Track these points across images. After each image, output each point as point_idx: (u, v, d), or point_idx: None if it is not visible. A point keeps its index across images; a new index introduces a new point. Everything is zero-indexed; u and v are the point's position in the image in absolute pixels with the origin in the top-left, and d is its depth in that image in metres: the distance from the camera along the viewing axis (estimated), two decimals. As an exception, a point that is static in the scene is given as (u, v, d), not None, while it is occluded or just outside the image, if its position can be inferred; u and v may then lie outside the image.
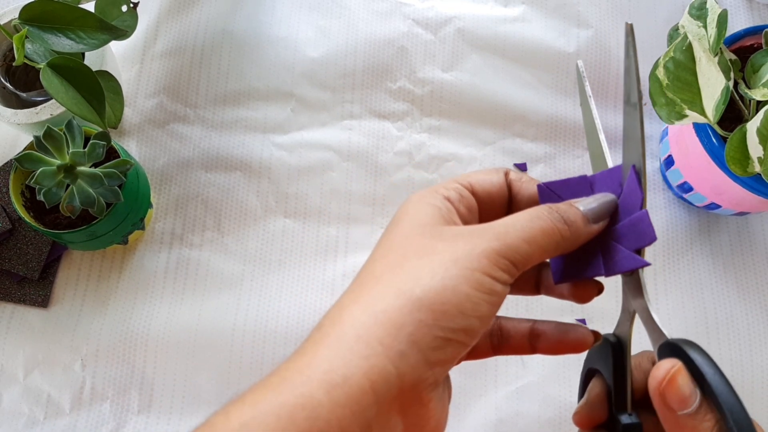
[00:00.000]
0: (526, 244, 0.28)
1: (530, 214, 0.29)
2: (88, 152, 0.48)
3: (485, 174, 0.32)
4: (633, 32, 0.31)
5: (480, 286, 0.26)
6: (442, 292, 0.26)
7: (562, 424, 0.52)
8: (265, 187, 0.59)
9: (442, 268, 0.26)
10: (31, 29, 0.47)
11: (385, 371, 0.25)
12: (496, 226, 0.28)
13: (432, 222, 0.29)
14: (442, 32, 0.63)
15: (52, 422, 0.52)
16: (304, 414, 0.24)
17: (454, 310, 0.26)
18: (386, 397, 0.25)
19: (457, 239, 0.27)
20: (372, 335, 0.25)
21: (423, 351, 0.25)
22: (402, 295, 0.26)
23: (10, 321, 0.54)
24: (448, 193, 0.30)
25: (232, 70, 0.62)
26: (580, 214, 0.30)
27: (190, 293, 0.55)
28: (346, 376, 0.25)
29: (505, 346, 0.33)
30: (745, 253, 0.57)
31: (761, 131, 0.45)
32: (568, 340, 0.32)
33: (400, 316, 0.25)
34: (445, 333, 0.26)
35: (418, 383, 0.26)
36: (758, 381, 0.54)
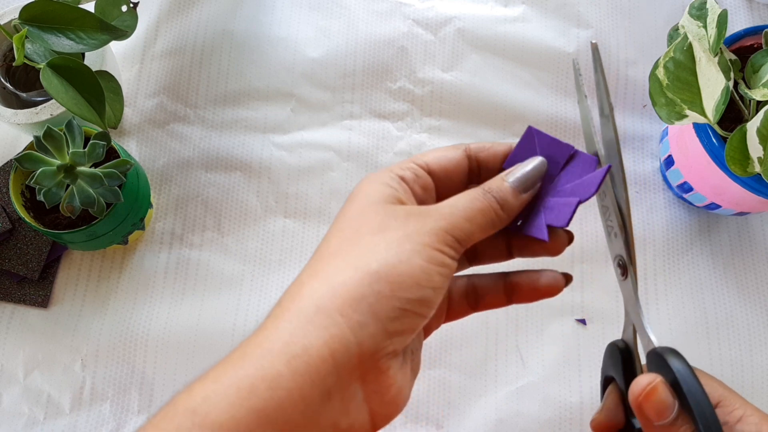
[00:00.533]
0: (467, 222, 0.29)
1: (469, 196, 0.31)
2: (88, 152, 0.48)
3: (443, 151, 0.33)
4: (598, 51, 0.33)
5: (431, 259, 0.28)
6: (398, 264, 0.27)
7: (562, 424, 0.52)
8: (265, 187, 0.59)
9: (395, 243, 0.28)
10: (31, 29, 0.47)
11: (345, 340, 0.26)
12: (442, 207, 0.30)
13: (385, 200, 0.30)
14: (442, 32, 0.63)
15: (52, 422, 0.52)
16: (265, 384, 0.25)
17: (409, 281, 0.27)
18: (346, 365, 0.26)
19: (408, 218, 0.29)
20: (332, 307, 0.26)
21: (382, 321, 0.26)
22: (360, 268, 0.27)
23: (10, 321, 0.54)
24: (402, 173, 0.32)
25: (232, 70, 0.62)
26: (509, 190, 0.31)
27: (190, 293, 0.55)
28: (305, 347, 0.26)
29: (481, 303, 0.35)
30: (745, 253, 0.57)
31: (761, 131, 0.45)
32: (540, 285, 0.33)
33: (359, 288, 0.27)
34: (402, 303, 0.27)
35: (376, 352, 0.26)
36: (758, 381, 0.54)
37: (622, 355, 0.35)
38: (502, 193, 0.31)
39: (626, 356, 0.35)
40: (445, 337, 0.54)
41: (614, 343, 0.36)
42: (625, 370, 0.34)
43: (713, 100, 0.47)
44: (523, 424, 0.52)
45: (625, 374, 0.34)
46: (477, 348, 0.54)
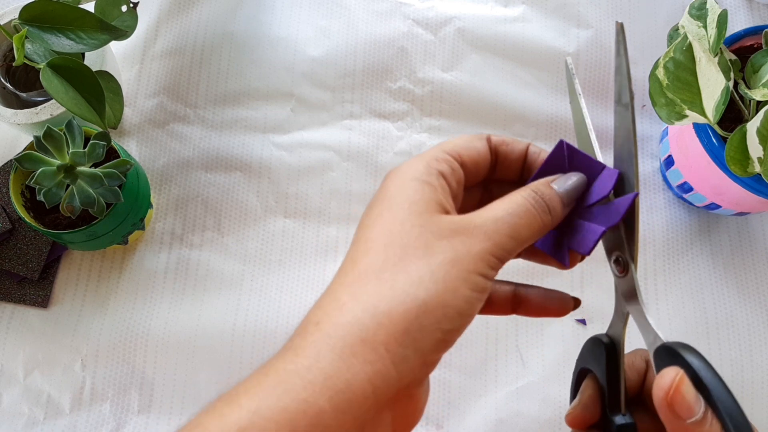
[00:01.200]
0: (512, 240, 0.28)
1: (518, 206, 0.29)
2: (88, 152, 0.48)
3: (470, 142, 0.32)
4: (624, 31, 0.30)
5: (476, 286, 0.27)
6: (444, 295, 0.26)
7: (562, 424, 0.52)
8: (265, 187, 0.59)
9: (443, 270, 0.27)
10: (31, 29, 0.47)
11: (388, 376, 0.25)
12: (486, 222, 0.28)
13: (429, 208, 0.28)
14: (442, 32, 0.63)
15: (52, 422, 0.52)
16: (306, 421, 0.24)
17: (453, 312, 0.26)
18: (384, 399, 0.25)
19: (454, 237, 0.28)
20: (376, 339, 0.25)
21: (423, 353, 0.26)
22: (406, 298, 0.26)
23: (10, 321, 0.54)
24: (441, 168, 0.30)
25: (232, 70, 0.62)
26: (559, 199, 0.30)
27: (190, 293, 0.55)
28: (349, 382, 0.25)
29: (485, 309, 0.34)
30: (745, 253, 0.57)
31: (761, 131, 0.45)
32: (551, 306, 0.33)
33: (405, 320, 0.25)
34: (444, 335, 0.26)
35: (413, 383, 0.26)
36: (758, 381, 0.54)
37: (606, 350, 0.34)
38: (553, 202, 0.30)
39: (610, 352, 0.34)
40: (445, 337, 0.54)
41: (597, 337, 0.35)
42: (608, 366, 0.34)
43: (713, 100, 0.47)
44: (523, 424, 0.52)
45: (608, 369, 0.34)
46: (477, 348, 0.54)
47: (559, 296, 0.33)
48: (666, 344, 0.30)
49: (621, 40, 0.31)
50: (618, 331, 0.34)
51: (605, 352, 0.34)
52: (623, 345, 0.34)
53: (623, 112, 0.31)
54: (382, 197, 0.30)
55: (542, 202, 0.30)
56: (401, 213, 0.29)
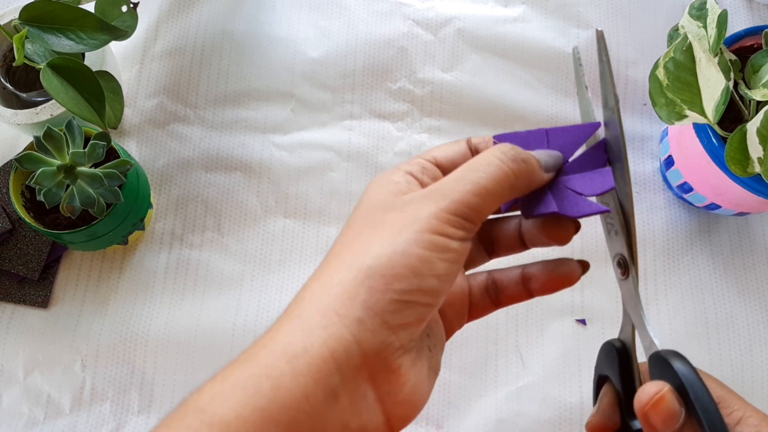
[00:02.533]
0: (477, 197, 0.27)
1: (480, 162, 0.29)
2: (88, 152, 0.48)
3: (448, 146, 0.32)
4: (603, 38, 0.31)
5: (431, 245, 0.26)
6: (392, 256, 0.26)
7: (562, 424, 0.52)
8: (265, 187, 0.59)
9: (391, 235, 0.27)
10: (31, 29, 0.47)
11: (343, 338, 0.25)
12: (444, 183, 0.28)
13: (388, 195, 0.29)
14: (442, 32, 0.63)
15: (52, 423, 0.52)
16: (269, 383, 0.25)
17: (406, 271, 0.26)
18: (348, 364, 0.26)
19: (406, 206, 0.28)
20: (328, 306, 0.26)
21: (380, 315, 0.26)
22: (354, 266, 0.27)
23: (10, 321, 0.54)
24: (410, 168, 0.31)
25: (232, 71, 0.62)
26: (530, 156, 0.30)
27: (190, 293, 0.55)
28: (305, 347, 0.25)
29: (502, 297, 0.34)
30: (745, 253, 0.57)
31: (761, 132, 0.45)
32: (557, 275, 0.32)
33: (353, 286, 0.26)
34: (400, 296, 0.26)
35: (381, 349, 0.26)
36: (758, 381, 0.54)
37: (618, 355, 0.34)
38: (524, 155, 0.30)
39: (623, 356, 0.34)
40: (445, 337, 0.54)
41: (610, 342, 0.35)
42: (621, 371, 0.34)
43: (713, 100, 0.47)
44: (523, 424, 0.52)
45: (622, 375, 0.34)
46: (477, 348, 0.54)
47: (565, 261, 0.32)
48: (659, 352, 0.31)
49: (602, 47, 0.31)
50: (628, 334, 0.34)
51: (618, 358, 0.34)
52: (634, 348, 0.34)
53: (611, 116, 0.32)
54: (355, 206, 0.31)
55: (511, 152, 0.29)
56: (364, 206, 0.30)
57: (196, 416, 0.25)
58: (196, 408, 0.25)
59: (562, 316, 0.55)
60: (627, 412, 0.34)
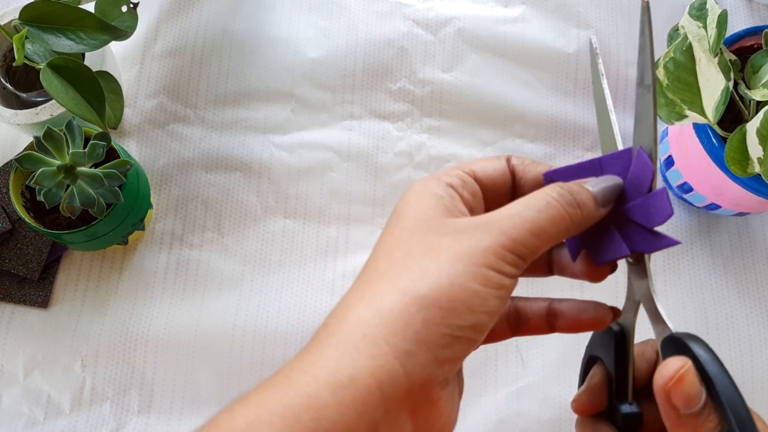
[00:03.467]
0: (533, 236, 0.27)
1: (538, 201, 0.28)
2: (88, 153, 0.48)
3: (487, 161, 0.31)
4: (649, 10, 0.29)
5: (487, 281, 0.26)
6: (449, 289, 0.25)
7: (562, 425, 0.52)
8: (265, 187, 0.59)
9: (447, 264, 0.26)
10: (31, 30, 0.47)
11: (393, 371, 0.24)
12: (502, 218, 0.27)
13: (436, 214, 0.28)
14: (442, 33, 0.63)
15: (52, 423, 0.52)
16: (310, 414, 0.24)
17: (462, 307, 0.25)
18: (394, 397, 0.25)
19: (461, 234, 0.27)
20: (378, 334, 0.25)
21: (431, 349, 0.25)
22: (408, 293, 0.25)
23: (10, 321, 0.54)
24: (450, 180, 0.30)
25: (233, 71, 0.62)
26: (591, 196, 0.29)
27: (190, 293, 0.55)
28: (352, 376, 0.24)
29: (523, 328, 0.33)
30: (745, 253, 0.58)
31: (761, 132, 0.45)
32: (586, 317, 0.31)
33: (407, 314, 0.25)
34: (453, 330, 0.25)
35: (427, 382, 0.25)
36: (758, 381, 0.54)
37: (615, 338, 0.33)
38: (581, 196, 0.29)
39: (620, 339, 0.33)
40: (445, 337, 0.54)
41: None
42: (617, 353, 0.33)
43: (713, 100, 0.47)
44: (523, 424, 0.52)
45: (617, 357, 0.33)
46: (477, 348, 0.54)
47: (596, 306, 0.31)
48: (674, 334, 0.29)
49: (646, 20, 0.30)
50: (629, 319, 0.33)
51: (614, 340, 0.33)
52: (633, 333, 0.33)
53: (645, 94, 0.30)
54: (393, 213, 0.30)
55: (569, 196, 0.28)
56: (408, 221, 0.28)
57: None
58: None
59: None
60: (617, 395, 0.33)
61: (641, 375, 0.34)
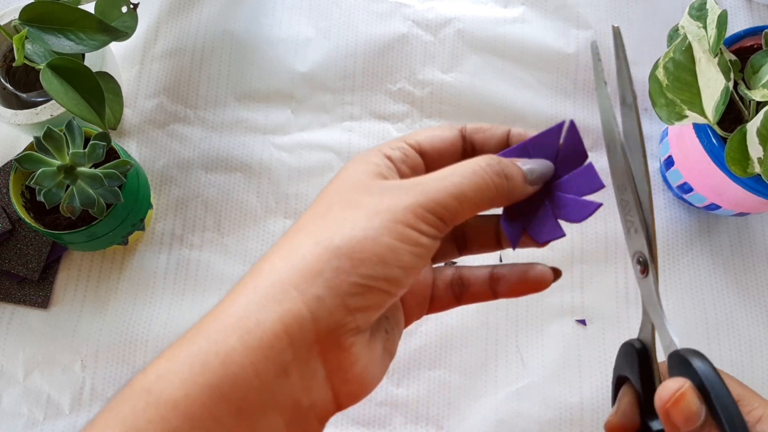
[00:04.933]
0: (455, 200, 0.27)
1: (465, 168, 0.28)
2: (88, 153, 0.48)
3: (437, 131, 0.32)
4: (620, 34, 0.31)
5: (402, 237, 0.26)
6: (363, 241, 0.26)
7: (562, 425, 0.52)
8: (265, 187, 0.59)
9: (364, 219, 0.26)
10: (31, 30, 0.47)
11: (300, 315, 0.25)
12: (427, 181, 0.28)
13: (364, 176, 0.29)
14: (442, 33, 0.63)
15: (51, 423, 0.52)
16: (218, 360, 0.24)
17: (374, 258, 0.26)
18: (302, 340, 0.25)
19: (383, 193, 0.27)
20: (288, 281, 0.25)
21: (341, 296, 0.25)
22: (321, 243, 0.26)
23: (10, 322, 0.54)
24: (390, 152, 0.30)
25: (233, 72, 0.62)
26: (520, 171, 0.30)
27: (190, 294, 0.55)
28: (259, 321, 0.25)
29: (466, 295, 0.33)
30: (745, 253, 0.57)
31: (761, 132, 0.45)
32: (527, 279, 0.32)
33: (318, 263, 0.26)
34: (365, 280, 0.26)
35: (336, 328, 0.25)
36: (758, 381, 0.54)
37: (638, 356, 0.34)
38: (510, 170, 0.29)
39: (643, 356, 0.34)
40: (445, 337, 0.54)
41: (630, 342, 0.35)
42: (641, 371, 0.34)
43: (713, 100, 0.47)
44: (523, 424, 0.52)
45: (642, 375, 0.34)
46: (477, 348, 0.54)
47: (537, 267, 0.32)
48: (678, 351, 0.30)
49: (619, 44, 0.31)
50: (647, 334, 0.34)
51: (638, 358, 0.34)
52: (654, 348, 0.34)
53: (628, 113, 0.32)
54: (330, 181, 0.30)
55: (497, 166, 0.29)
56: (338, 182, 0.29)
57: (141, 397, 0.24)
58: (141, 389, 0.25)
59: (562, 316, 0.55)
60: (647, 413, 0.34)
61: None
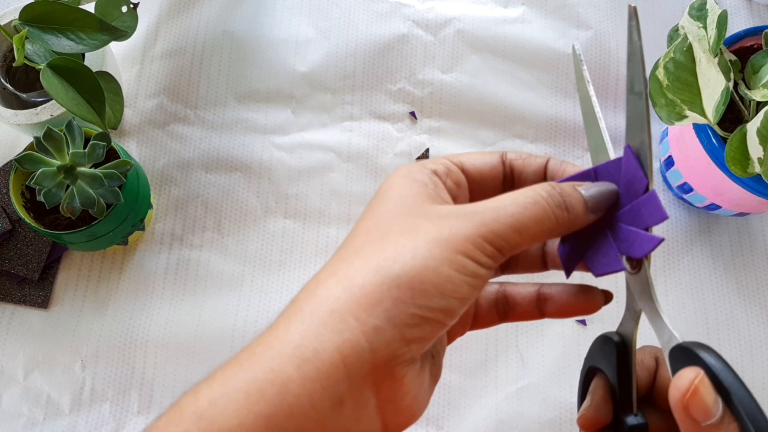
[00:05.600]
0: (514, 232, 0.27)
1: (526, 197, 0.27)
2: (88, 153, 0.48)
3: (478, 155, 0.31)
4: (637, 15, 0.29)
5: (462, 268, 0.26)
6: (423, 271, 0.25)
7: (562, 425, 0.52)
8: (265, 187, 0.59)
9: (424, 247, 0.26)
10: (32, 30, 0.47)
11: (358, 345, 0.24)
12: (486, 210, 0.27)
13: (418, 199, 0.28)
14: (442, 33, 0.63)
15: (51, 423, 0.52)
16: (274, 389, 0.24)
17: (433, 289, 0.25)
18: (359, 372, 0.25)
19: (442, 220, 0.27)
20: (347, 310, 0.25)
21: (399, 327, 0.25)
22: (381, 271, 0.25)
23: (10, 322, 0.54)
24: (435, 167, 0.30)
25: (233, 72, 0.62)
26: (582, 200, 0.29)
27: (190, 294, 0.55)
28: (317, 351, 0.24)
29: (512, 314, 0.33)
30: (745, 253, 0.57)
31: (761, 132, 0.45)
32: (577, 302, 0.31)
33: (378, 292, 0.25)
34: (423, 311, 0.25)
35: (392, 358, 0.25)
36: (758, 381, 0.54)
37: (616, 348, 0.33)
38: (572, 199, 0.28)
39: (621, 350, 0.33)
40: (445, 337, 0.54)
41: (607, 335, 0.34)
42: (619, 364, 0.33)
43: (713, 100, 0.47)
44: (523, 424, 0.52)
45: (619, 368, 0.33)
46: (477, 348, 0.54)
47: (586, 290, 0.31)
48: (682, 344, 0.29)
49: (634, 25, 0.29)
50: (629, 329, 0.33)
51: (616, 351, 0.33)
52: (635, 344, 0.33)
53: (636, 101, 0.30)
54: (375, 195, 0.29)
55: (558, 197, 0.28)
56: (390, 204, 0.28)
57: (193, 422, 0.24)
58: (193, 412, 0.24)
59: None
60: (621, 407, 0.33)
61: (642, 384, 0.34)
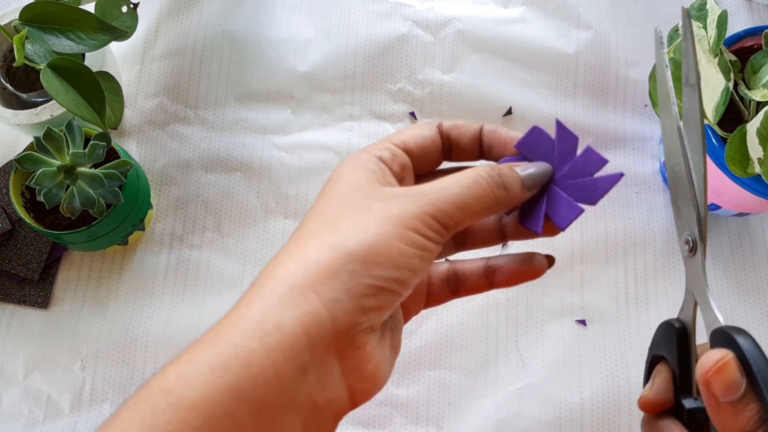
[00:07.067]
0: (458, 210, 0.29)
1: (467, 178, 0.30)
2: (89, 153, 0.48)
3: (417, 129, 0.33)
4: (689, 16, 0.32)
5: (412, 242, 0.28)
6: (375, 245, 0.27)
7: (562, 425, 0.52)
8: (265, 187, 0.59)
9: (376, 224, 0.28)
10: (32, 30, 0.47)
11: (319, 316, 0.26)
12: (431, 190, 0.29)
13: (367, 183, 0.30)
14: (442, 33, 0.63)
15: (51, 423, 0.52)
16: (238, 362, 0.25)
17: (386, 261, 0.27)
18: (320, 341, 0.26)
19: (391, 200, 0.29)
20: (305, 285, 0.26)
21: (357, 297, 0.27)
22: (336, 247, 0.27)
23: (10, 322, 0.54)
24: (381, 154, 0.32)
25: (233, 72, 0.62)
26: (518, 179, 0.31)
27: (190, 294, 0.55)
28: (278, 324, 0.26)
29: (462, 288, 0.35)
30: (745, 253, 0.57)
31: (761, 132, 0.45)
32: (524, 268, 0.33)
33: (334, 266, 0.27)
34: (378, 282, 0.27)
35: (352, 327, 0.27)
36: (758, 382, 0.54)
37: (677, 335, 0.35)
38: (510, 179, 0.31)
39: (681, 336, 0.35)
40: (445, 337, 0.54)
41: (669, 321, 0.36)
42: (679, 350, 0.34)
43: (713, 100, 0.47)
44: (523, 424, 0.52)
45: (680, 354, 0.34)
46: (477, 348, 0.54)
47: (530, 256, 0.33)
48: (723, 327, 0.31)
49: (687, 24, 0.32)
50: (689, 313, 0.35)
51: (677, 337, 0.35)
52: (694, 327, 0.35)
53: (690, 93, 0.33)
54: (326, 183, 0.31)
55: (497, 177, 0.30)
56: (340, 188, 0.30)
57: (161, 398, 0.25)
58: (160, 389, 0.25)
59: (562, 316, 0.55)
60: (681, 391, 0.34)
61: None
